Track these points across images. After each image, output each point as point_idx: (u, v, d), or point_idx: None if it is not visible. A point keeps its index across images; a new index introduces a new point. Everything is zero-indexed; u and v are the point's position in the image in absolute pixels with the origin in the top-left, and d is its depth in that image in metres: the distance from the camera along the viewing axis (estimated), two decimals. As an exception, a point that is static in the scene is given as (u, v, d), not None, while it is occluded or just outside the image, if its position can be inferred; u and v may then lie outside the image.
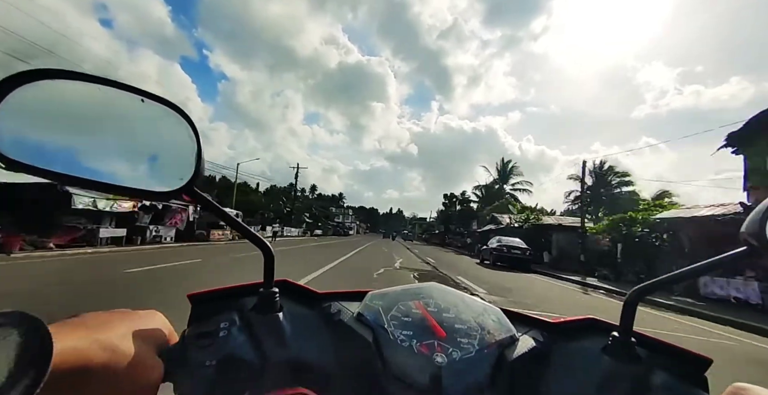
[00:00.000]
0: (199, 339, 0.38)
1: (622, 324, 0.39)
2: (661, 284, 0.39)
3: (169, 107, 0.39)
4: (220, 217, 0.43)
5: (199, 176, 0.38)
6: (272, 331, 0.41)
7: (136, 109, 0.37)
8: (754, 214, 0.34)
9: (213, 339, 0.38)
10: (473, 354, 0.39)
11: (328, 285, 5.02)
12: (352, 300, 0.48)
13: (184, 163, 0.38)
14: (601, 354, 0.40)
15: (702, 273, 0.38)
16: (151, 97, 0.38)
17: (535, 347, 0.41)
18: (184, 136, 0.39)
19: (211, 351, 0.37)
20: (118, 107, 0.37)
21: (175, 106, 0.39)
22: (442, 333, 0.41)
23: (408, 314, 0.44)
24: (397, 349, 0.39)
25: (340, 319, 0.43)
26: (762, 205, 0.34)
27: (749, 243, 0.34)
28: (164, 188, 0.37)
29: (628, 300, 0.39)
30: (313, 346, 0.41)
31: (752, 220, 0.34)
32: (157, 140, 0.39)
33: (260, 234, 0.45)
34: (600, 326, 0.45)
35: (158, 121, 0.38)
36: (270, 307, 0.43)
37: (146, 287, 6.07)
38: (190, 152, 0.38)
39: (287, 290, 0.47)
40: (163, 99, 0.39)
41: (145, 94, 0.38)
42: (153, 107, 0.38)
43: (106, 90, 0.36)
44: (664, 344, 0.42)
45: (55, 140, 0.33)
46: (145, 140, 0.38)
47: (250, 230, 0.44)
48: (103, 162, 0.34)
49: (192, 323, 0.42)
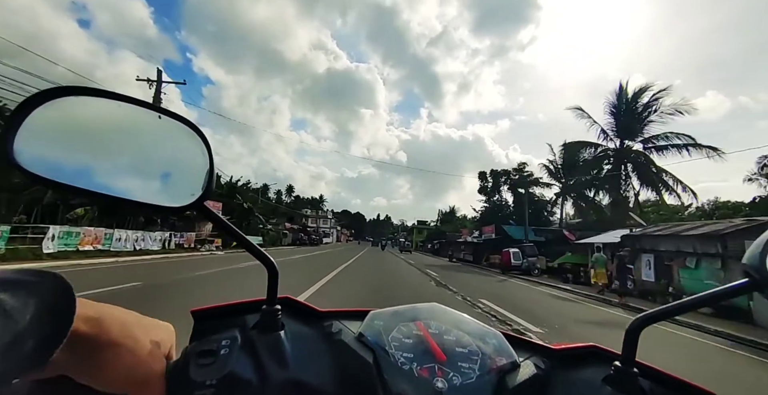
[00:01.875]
0: (200, 357, 0.38)
1: (624, 353, 0.39)
2: (664, 314, 0.39)
3: (185, 124, 0.40)
4: (227, 233, 0.44)
5: (209, 192, 0.39)
6: (273, 350, 0.40)
7: (153, 125, 0.38)
8: (755, 246, 0.33)
9: (214, 357, 0.38)
10: (474, 379, 0.38)
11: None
12: (354, 319, 0.48)
13: (196, 179, 0.39)
14: (603, 384, 0.39)
15: (705, 304, 0.38)
16: (167, 114, 0.39)
17: (536, 374, 0.41)
18: (197, 153, 0.40)
19: (212, 369, 0.37)
20: (136, 124, 0.38)
21: (191, 123, 0.40)
22: (443, 357, 0.41)
23: (409, 335, 0.43)
24: (397, 372, 0.39)
25: (341, 339, 0.43)
26: (762, 237, 0.33)
27: (751, 276, 0.33)
28: (175, 203, 0.38)
29: (631, 329, 0.39)
30: (313, 366, 0.41)
31: (753, 253, 0.33)
32: (171, 156, 0.40)
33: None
34: (602, 354, 0.44)
35: (173, 137, 0.40)
36: (272, 325, 0.42)
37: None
38: (202, 168, 0.39)
39: (289, 307, 0.47)
40: (179, 116, 0.40)
41: (162, 111, 0.39)
42: (169, 123, 0.39)
43: (125, 107, 0.37)
44: (667, 376, 0.41)
45: (74, 155, 0.33)
46: (160, 156, 0.39)
47: (255, 246, 0.44)
48: (119, 177, 0.35)
49: (194, 339, 0.42)
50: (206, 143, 0.40)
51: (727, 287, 0.36)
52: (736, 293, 0.35)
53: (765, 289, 0.32)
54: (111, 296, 5.57)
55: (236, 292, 6.36)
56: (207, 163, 0.39)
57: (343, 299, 6.86)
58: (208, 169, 0.39)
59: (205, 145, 0.40)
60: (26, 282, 0.24)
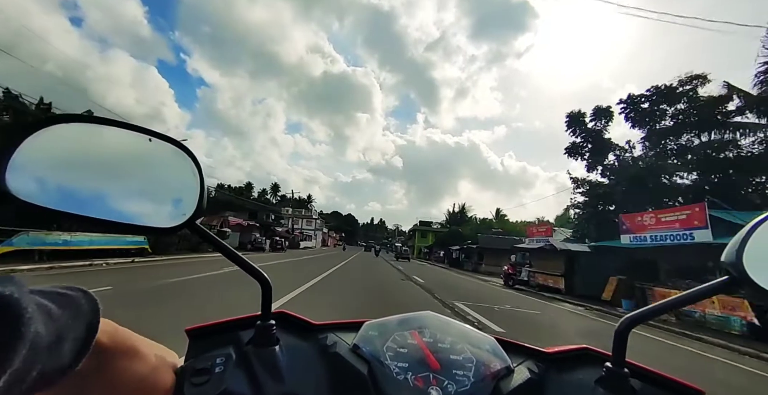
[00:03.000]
0: (194, 376, 0.38)
1: (614, 354, 0.40)
2: (650, 313, 0.40)
3: (175, 146, 0.41)
4: (219, 250, 0.44)
5: (201, 211, 0.40)
6: (268, 365, 0.41)
7: (143, 148, 0.39)
8: (732, 244, 0.35)
9: (209, 375, 0.38)
10: (468, 387, 0.39)
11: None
12: (349, 331, 0.48)
13: (188, 199, 0.40)
14: (596, 386, 0.40)
15: (688, 302, 0.39)
16: (157, 136, 0.40)
17: (530, 378, 0.41)
18: (188, 173, 0.41)
19: (207, 388, 0.37)
20: (127, 147, 0.39)
21: (181, 144, 0.41)
22: (437, 365, 0.41)
23: (404, 345, 0.44)
24: (392, 382, 0.39)
25: (336, 351, 0.43)
26: (739, 234, 0.35)
27: (729, 273, 0.34)
28: (168, 224, 0.39)
29: (619, 329, 0.40)
30: (309, 380, 0.41)
31: (730, 251, 0.34)
32: (162, 177, 0.41)
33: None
34: (593, 355, 0.45)
35: (164, 159, 0.40)
36: (267, 340, 0.43)
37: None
38: (193, 188, 0.40)
39: (284, 322, 0.48)
40: (169, 138, 0.41)
41: (152, 134, 0.40)
42: (159, 145, 0.40)
43: (116, 131, 0.38)
44: (657, 374, 0.42)
45: (66, 182, 0.34)
46: (152, 179, 0.40)
47: (248, 262, 0.45)
48: (112, 201, 0.36)
49: (189, 358, 0.42)
50: (196, 163, 0.41)
51: (708, 285, 0.37)
52: (717, 291, 0.36)
53: (743, 286, 0.34)
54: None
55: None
56: (198, 182, 0.40)
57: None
58: (199, 188, 0.40)
59: (195, 164, 0.41)
60: (65, 295, 0.28)
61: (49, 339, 0.23)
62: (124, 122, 0.39)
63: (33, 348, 0.21)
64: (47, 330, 0.23)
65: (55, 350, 0.24)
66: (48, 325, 0.23)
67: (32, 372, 0.22)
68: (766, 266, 0.33)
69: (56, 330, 0.24)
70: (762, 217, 0.34)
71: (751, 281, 0.33)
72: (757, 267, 0.33)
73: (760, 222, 0.34)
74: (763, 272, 0.33)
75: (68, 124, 0.35)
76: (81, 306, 0.28)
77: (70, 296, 0.28)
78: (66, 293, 0.28)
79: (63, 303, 0.26)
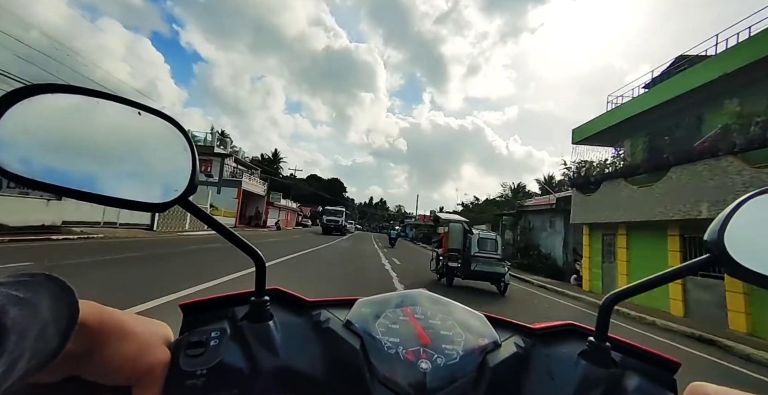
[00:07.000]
0: (189, 348, 0.39)
1: (598, 329, 0.42)
2: (633, 290, 0.41)
3: (166, 120, 0.40)
4: (211, 226, 0.44)
5: (193, 187, 0.39)
6: (263, 340, 0.41)
7: (133, 122, 0.38)
8: (715, 223, 0.36)
9: (204, 347, 0.39)
10: (457, 359, 0.40)
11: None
12: (342, 308, 0.49)
13: (179, 175, 0.39)
14: (579, 358, 0.42)
15: (671, 279, 0.40)
16: (147, 110, 0.39)
17: (516, 352, 0.43)
18: (180, 148, 0.40)
19: (202, 359, 0.38)
20: (116, 120, 0.37)
21: (172, 118, 0.40)
22: (427, 340, 0.42)
23: (396, 321, 0.45)
24: (384, 356, 0.40)
25: (329, 327, 0.44)
26: (722, 214, 0.36)
27: (711, 251, 0.35)
28: (159, 199, 0.38)
29: (603, 306, 0.41)
30: (303, 354, 0.42)
31: (713, 229, 0.35)
32: (153, 152, 0.40)
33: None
34: (578, 331, 0.47)
35: (155, 133, 0.39)
36: (261, 316, 0.43)
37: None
38: (185, 164, 0.40)
39: (278, 299, 0.48)
40: (160, 112, 0.40)
41: (142, 107, 0.39)
42: (150, 119, 0.39)
43: (103, 103, 0.37)
44: (637, 348, 0.44)
45: (54, 154, 0.33)
46: (142, 153, 0.39)
47: (241, 239, 0.45)
48: (100, 175, 0.35)
49: (183, 332, 0.43)
50: (188, 138, 0.40)
51: (691, 262, 0.38)
52: (698, 269, 0.37)
53: (724, 263, 0.35)
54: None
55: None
56: (190, 158, 0.40)
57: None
58: (191, 164, 0.40)
59: (186, 140, 0.40)
60: (27, 282, 0.27)
61: (30, 324, 0.23)
62: (112, 94, 0.37)
63: (18, 334, 0.22)
64: (24, 316, 0.23)
65: (40, 334, 0.24)
66: (24, 311, 0.23)
67: (23, 358, 0.22)
68: (746, 245, 0.34)
69: (35, 315, 0.24)
70: (745, 197, 0.35)
71: (731, 259, 0.34)
72: (737, 246, 0.34)
73: (743, 202, 0.35)
74: (743, 251, 0.34)
75: (53, 94, 0.34)
76: (49, 288, 0.28)
77: (33, 282, 0.27)
78: (29, 280, 0.27)
79: (31, 288, 0.26)
